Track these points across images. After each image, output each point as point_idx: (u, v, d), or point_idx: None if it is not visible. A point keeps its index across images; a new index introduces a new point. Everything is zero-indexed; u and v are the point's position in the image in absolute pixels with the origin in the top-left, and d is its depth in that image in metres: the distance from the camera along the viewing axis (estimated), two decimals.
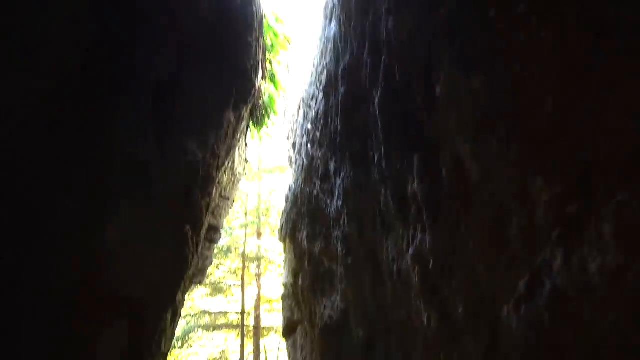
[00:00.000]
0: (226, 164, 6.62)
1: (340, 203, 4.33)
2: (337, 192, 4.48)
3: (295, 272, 7.22)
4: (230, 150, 5.80)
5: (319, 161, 5.40)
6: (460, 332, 1.73)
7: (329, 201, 4.98)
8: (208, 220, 7.60)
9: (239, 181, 9.11)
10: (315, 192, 5.51)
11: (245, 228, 12.98)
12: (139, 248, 3.34)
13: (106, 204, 2.89)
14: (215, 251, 11.82)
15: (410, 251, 2.21)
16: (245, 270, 12.57)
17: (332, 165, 4.79)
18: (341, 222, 4.31)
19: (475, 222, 1.50)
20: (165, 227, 3.51)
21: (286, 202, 7.87)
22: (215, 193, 7.25)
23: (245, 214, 13.44)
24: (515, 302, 1.29)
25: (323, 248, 5.38)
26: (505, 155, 1.33)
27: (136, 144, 3.03)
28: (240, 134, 7.03)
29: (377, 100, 2.47)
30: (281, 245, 9.71)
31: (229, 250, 12.35)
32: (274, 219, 13.20)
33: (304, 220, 6.23)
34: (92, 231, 2.85)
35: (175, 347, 10.96)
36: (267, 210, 13.33)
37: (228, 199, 8.84)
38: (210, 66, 3.65)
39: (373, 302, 3.57)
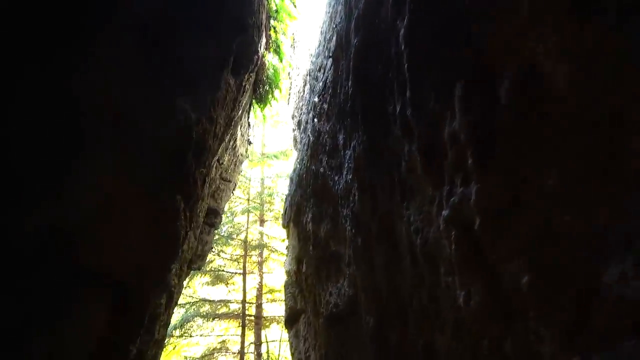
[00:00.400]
0: (226, 140, 6.18)
1: (350, 177, 3.88)
2: (346, 165, 4.03)
3: (299, 258, 6.80)
4: (230, 122, 5.36)
5: (326, 135, 4.95)
6: (520, 311, 1.28)
7: (336, 178, 4.54)
8: (207, 201, 7.18)
9: (241, 163, 8.68)
10: (321, 169, 5.07)
11: (248, 214, 12.47)
12: (122, 216, 2.91)
13: (83, 154, 2.46)
14: (216, 237, 11.41)
15: (444, 213, 1.76)
16: (247, 258, 12.13)
17: (340, 138, 4.34)
18: (350, 199, 3.86)
19: (559, 150, 1.05)
20: (154, 195, 3.08)
21: (290, 184, 7.43)
22: (215, 172, 6.82)
23: (248, 200, 12.94)
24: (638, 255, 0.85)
25: (329, 230, 4.95)
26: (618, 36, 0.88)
27: (120, 88, 2.59)
28: (243, 110, 6.58)
29: (402, 31, 2.01)
30: (285, 231, 9.30)
31: (230, 237, 11.87)
32: (278, 205, 12.73)
33: (309, 201, 5.80)
34: (64, 185, 2.42)
35: (173, 336, 10.58)
36: (271, 196, 12.81)
37: (229, 181, 8.42)
38: (207, 13, 3.20)
39: (386, 284, 3.13)
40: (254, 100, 7.56)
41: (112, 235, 2.86)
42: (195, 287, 12.79)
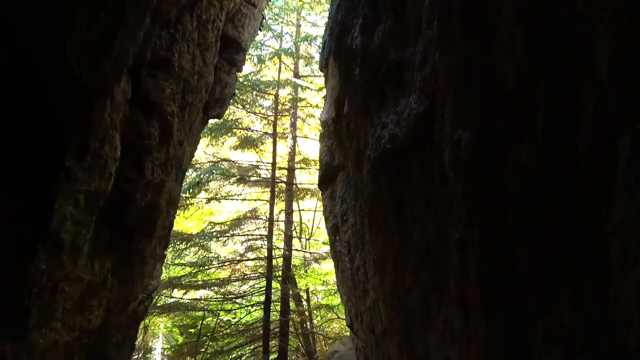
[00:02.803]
0: None
1: None
2: None
3: (339, 98, 5.28)
4: None
5: None
6: None
7: None
8: (222, 20, 5.54)
9: None
10: None
11: (280, 62, 10.46)
12: None
13: None
14: (241, 87, 9.93)
15: None
16: (278, 119, 10.63)
17: None
18: None
19: None
20: None
21: (332, 4, 5.63)
22: None
23: (280, 47, 10.85)
24: None
25: (388, 29, 3.30)
26: None
27: None
28: None
29: None
30: (322, 78, 7.69)
31: (257, 88, 10.11)
32: (317, 58, 10.79)
33: (359, 7, 4.08)
34: None
35: (194, 197, 9.65)
36: (307, 40, 10.67)
37: (254, 5, 6.64)
38: None
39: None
40: None
41: None
42: (224, 153, 11.67)
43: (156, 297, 8.85)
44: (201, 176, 9.06)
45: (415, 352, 3.10)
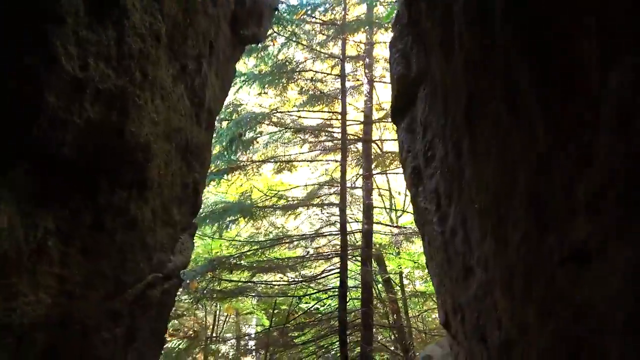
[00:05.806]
0: None
1: None
2: None
3: None
4: None
5: None
6: None
7: None
8: None
9: None
10: None
11: None
12: None
13: None
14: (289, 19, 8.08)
15: None
16: (349, 62, 8.34)
17: None
18: None
19: None
20: None
21: None
22: None
23: None
24: None
25: None
26: None
27: None
28: None
29: None
30: None
31: (308, 9, 7.68)
32: None
33: None
34: None
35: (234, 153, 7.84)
36: None
37: None
38: None
39: None
40: None
41: None
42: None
43: (208, 279, 7.63)
44: (243, 127, 7.37)
45: None
